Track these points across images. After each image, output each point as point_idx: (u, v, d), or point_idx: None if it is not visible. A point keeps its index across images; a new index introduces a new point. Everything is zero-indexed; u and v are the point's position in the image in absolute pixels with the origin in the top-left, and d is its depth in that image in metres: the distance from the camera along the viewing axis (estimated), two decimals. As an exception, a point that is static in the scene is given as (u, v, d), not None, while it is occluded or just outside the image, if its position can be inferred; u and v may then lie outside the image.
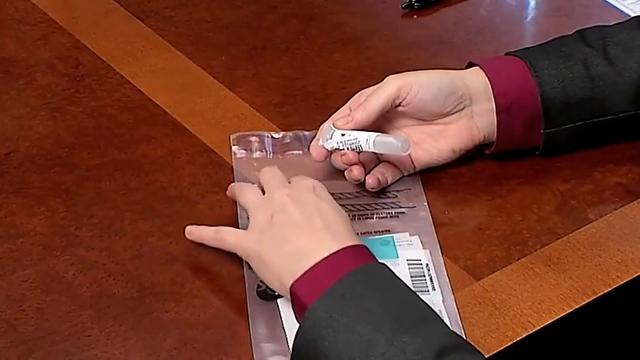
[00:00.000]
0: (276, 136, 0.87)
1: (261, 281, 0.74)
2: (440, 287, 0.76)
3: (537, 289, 0.77)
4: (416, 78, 0.82)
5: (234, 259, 0.77)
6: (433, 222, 0.81)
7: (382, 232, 0.80)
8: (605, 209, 0.83)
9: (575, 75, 0.83)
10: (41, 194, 0.84)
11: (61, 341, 0.72)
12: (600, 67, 0.83)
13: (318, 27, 1.02)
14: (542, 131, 0.83)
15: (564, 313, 0.75)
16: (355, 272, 0.68)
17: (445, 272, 0.77)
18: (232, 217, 0.81)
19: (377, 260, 0.71)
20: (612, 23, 0.87)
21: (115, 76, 0.96)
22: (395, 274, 0.70)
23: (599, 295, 0.76)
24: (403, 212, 0.82)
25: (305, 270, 0.70)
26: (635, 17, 0.87)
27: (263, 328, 0.72)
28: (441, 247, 0.79)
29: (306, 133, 0.88)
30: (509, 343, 0.73)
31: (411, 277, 0.76)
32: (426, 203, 0.83)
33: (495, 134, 0.83)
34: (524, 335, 0.74)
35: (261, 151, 0.86)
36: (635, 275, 0.78)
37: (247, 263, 0.76)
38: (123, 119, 0.92)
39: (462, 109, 0.82)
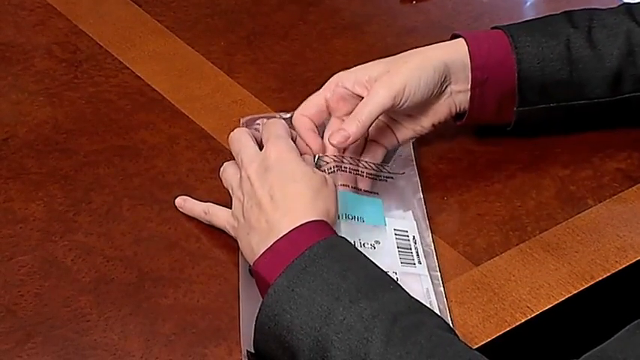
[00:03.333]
0: (285, 116, 0.86)
1: None
2: (426, 260, 0.76)
3: (536, 274, 0.77)
4: (406, 81, 0.79)
5: (234, 244, 0.77)
6: (422, 190, 0.81)
7: (371, 193, 0.80)
8: (604, 195, 0.83)
9: (556, 56, 0.82)
10: (39, 180, 0.84)
11: (59, 326, 0.72)
12: (582, 50, 0.83)
13: (316, 13, 1.02)
14: (515, 109, 0.83)
15: (563, 299, 0.75)
16: (316, 245, 0.69)
17: (432, 245, 0.77)
18: (231, 204, 0.81)
19: (337, 234, 0.71)
20: (603, 7, 0.87)
21: (114, 62, 0.96)
22: (355, 247, 0.71)
23: (597, 280, 0.77)
24: (392, 178, 0.82)
25: (266, 248, 0.70)
26: (625, 4, 0.86)
27: (254, 306, 0.72)
28: (428, 218, 0.79)
29: None
30: (508, 328, 0.73)
31: (398, 248, 0.76)
32: (415, 170, 0.83)
33: (469, 100, 0.83)
34: (523, 320, 0.74)
35: None
36: (634, 261, 0.78)
37: None
38: (121, 105, 0.91)
39: (444, 90, 0.82)
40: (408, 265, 0.75)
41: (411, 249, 0.76)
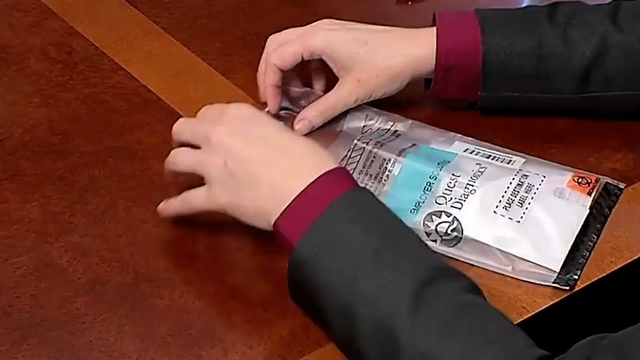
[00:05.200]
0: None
1: None
2: None
3: (532, 274, 0.77)
4: (373, 91, 0.85)
5: (229, 245, 0.77)
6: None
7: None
8: (599, 195, 0.83)
9: (525, 50, 0.83)
10: (35, 181, 0.84)
11: (55, 328, 0.72)
12: (553, 47, 0.83)
13: (312, 13, 1.02)
14: (479, 93, 0.85)
15: (559, 299, 0.75)
16: (336, 204, 0.69)
17: None
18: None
19: (355, 183, 0.72)
20: (593, 4, 0.87)
21: (109, 63, 0.96)
22: (376, 198, 0.71)
23: (593, 280, 0.77)
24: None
25: (285, 207, 0.70)
26: (612, 2, 0.86)
27: None
28: None
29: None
30: (504, 329, 0.73)
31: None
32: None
33: (433, 82, 0.86)
34: (519, 321, 0.74)
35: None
36: (629, 261, 0.78)
37: None
38: (117, 106, 0.91)
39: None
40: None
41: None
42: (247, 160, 0.72)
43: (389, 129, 0.86)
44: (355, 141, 0.84)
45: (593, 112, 0.87)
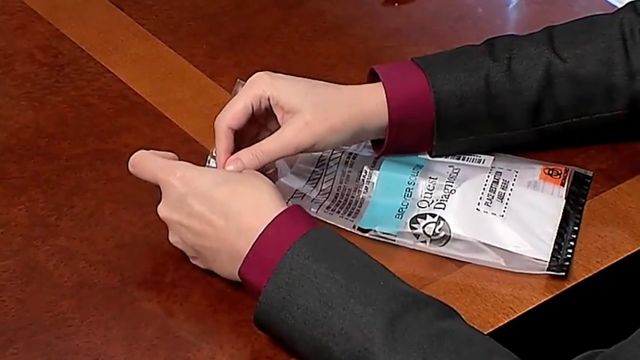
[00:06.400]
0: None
1: None
2: None
3: (518, 275, 0.77)
4: (317, 140, 0.77)
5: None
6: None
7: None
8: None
9: (475, 92, 0.81)
10: (21, 184, 0.83)
11: (41, 331, 0.72)
12: (501, 85, 0.81)
13: (298, 15, 1.02)
14: (434, 143, 0.82)
15: (545, 299, 0.75)
16: (297, 244, 0.69)
17: None
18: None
19: (312, 219, 0.72)
20: (524, 33, 0.85)
21: (96, 66, 0.95)
22: (335, 234, 0.71)
23: (579, 280, 0.77)
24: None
25: (247, 252, 0.70)
26: (545, 28, 0.85)
27: None
28: None
29: None
30: (491, 329, 0.73)
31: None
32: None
33: (386, 141, 0.81)
34: (506, 321, 0.74)
35: None
36: (615, 261, 0.78)
37: None
38: (103, 108, 0.91)
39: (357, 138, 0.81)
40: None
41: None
42: (199, 236, 0.73)
43: None
44: (329, 155, 0.84)
45: (545, 142, 0.85)
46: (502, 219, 0.78)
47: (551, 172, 0.82)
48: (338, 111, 0.79)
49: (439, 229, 0.77)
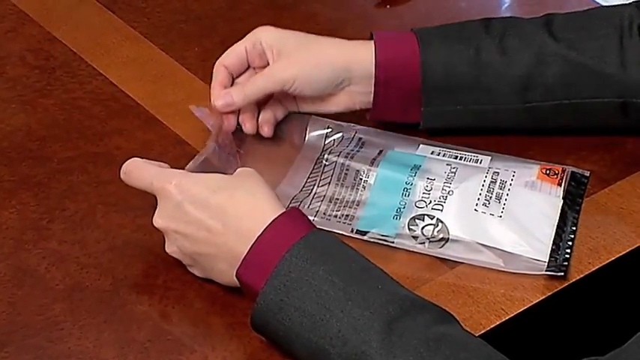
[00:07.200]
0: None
1: None
2: None
3: (510, 276, 0.77)
4: (297, 75, 0.82)
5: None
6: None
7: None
8: (577, 197, 0.84)
9: (464, 60, 0.83)
10: (12, 187, 0.83)
11: (33, 335, 0.72)
12: (491, 56, 0.83)
13: (291, 18, 1.02)
14: (421, 109, 0.84)
15: (537, 301, 0.76)
16: (295, 247, 0.69)
17: None
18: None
19: (310, 222, 0.72)
20: (525, 17, 0.86)
21: (87, 68, 0.95)
22: (334, 237, 0.71)
23: (571, 281, 0.77)
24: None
25: (245, 255, 0.70)
26: (546, 14, 0.86)
27: None
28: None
29: None
30: (483, 331, 0.73)
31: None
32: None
33: (373, 99, 0.84)
34: (498, 323, 0.74)
35: None
36: (607, 262, 0.79)
37: None
38: (95, 111, 0.91)
39: (342, 89, 0.84)
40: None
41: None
42: (197, 243, 0.72)
43: (352, 137, 0.86)
44: (326, 155, 0.84)
45: (536, 125, 0.86)
46: (500, 220, 0.78)
47: (548, 171, 0.82)
48: (326, 50, 0.83)
49: (437, 231, 0.77)
